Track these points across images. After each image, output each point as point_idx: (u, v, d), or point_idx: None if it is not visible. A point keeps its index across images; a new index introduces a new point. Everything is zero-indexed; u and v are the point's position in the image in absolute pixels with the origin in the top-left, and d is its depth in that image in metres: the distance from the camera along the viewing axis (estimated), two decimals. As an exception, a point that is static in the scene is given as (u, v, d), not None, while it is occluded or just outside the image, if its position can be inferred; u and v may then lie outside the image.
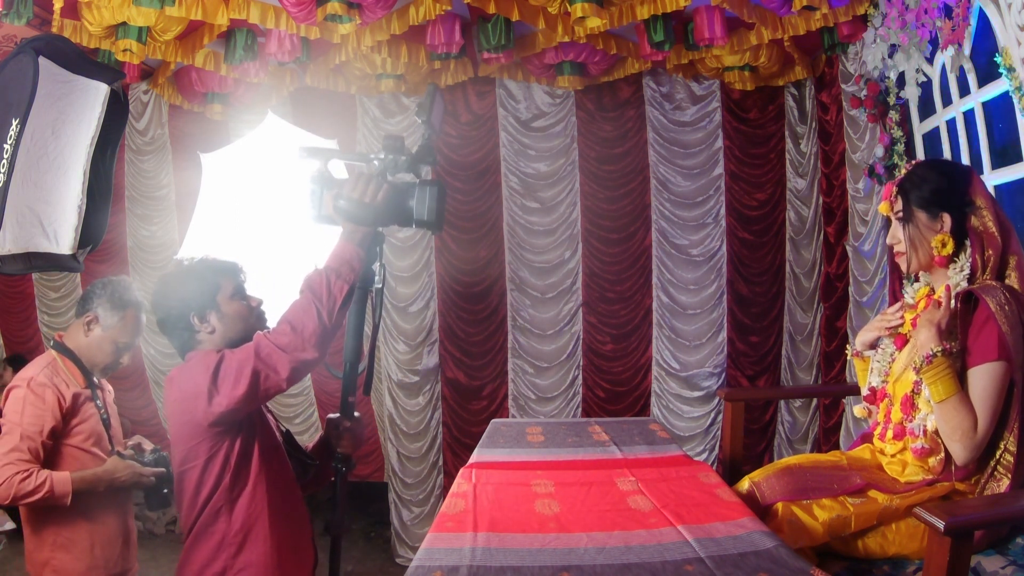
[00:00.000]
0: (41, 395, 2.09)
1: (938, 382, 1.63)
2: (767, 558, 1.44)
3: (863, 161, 3.83)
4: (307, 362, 1.64)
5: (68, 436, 2.15)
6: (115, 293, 2.26)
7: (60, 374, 2.18)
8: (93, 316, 2.25)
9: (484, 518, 1.67)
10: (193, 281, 1.81)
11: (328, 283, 1.63)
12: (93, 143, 2.30)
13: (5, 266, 2.14)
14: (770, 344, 4.84)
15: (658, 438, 2.42)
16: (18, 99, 1.99)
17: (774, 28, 3.77)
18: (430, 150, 1.70)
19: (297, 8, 3.45)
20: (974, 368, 1.64)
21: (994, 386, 1.60)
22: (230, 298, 1.83)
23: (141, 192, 4.93)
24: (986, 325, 1.63)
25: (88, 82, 2.25)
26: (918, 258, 1.81)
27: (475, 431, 4.53)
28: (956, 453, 1.63)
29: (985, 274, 1.72)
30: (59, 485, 2.05)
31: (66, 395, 2.14)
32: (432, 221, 1.69)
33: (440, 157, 4.83)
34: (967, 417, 1.60)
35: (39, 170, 2.17)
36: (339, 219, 1.68)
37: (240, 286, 1.88)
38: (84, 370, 2.24)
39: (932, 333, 1.66)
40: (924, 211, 1.79)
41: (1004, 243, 1.73)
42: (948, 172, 1.84)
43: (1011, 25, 2.37)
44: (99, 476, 2.13)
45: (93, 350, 2.26)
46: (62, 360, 2.22)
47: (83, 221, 2.31)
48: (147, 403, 4.96)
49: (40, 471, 2.04)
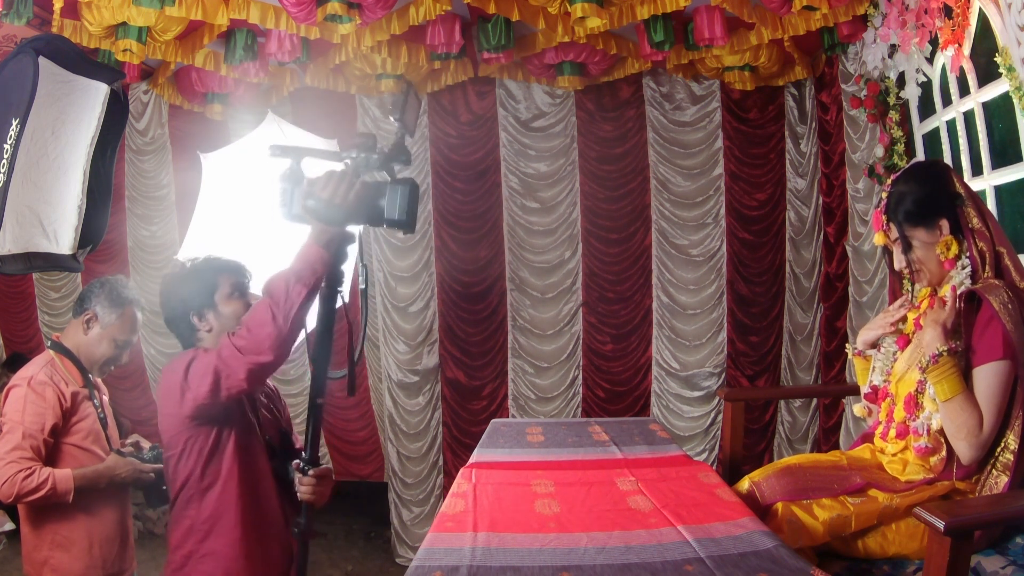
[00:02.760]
0: (42, 393, 2.10)
1: (944, 381, 1.63)
2: (767, 558, 1.45)
3: (863, 161, 3.83)
4: (264, 365, 1.66)
5: (67, 434, 2.16)
6: (113, 291, 2.27)
7: (59, 373, 2.19)
8: (92, 314, 2.26)
9: (484, 518, 1.67)
10: (193, 281, 1.88)
11: (287, 286, 1.60)
12: (93, 143, 2.30)
13: (5, 266, 2.14)
14: (770, 344, 4.83)
15: (658, 438, 2.42)
16: (18, 99, 2.00)
17: (774, 28, 3.77)
18: (404, 148, 1.64)
19: (297, 8, 3.45)
20: (979, 367, 1.64)
21: (999, 385, 1.61)
22: (228, 297, 1.88)
23: (141, 192, 4.92)
24: (990, 324, 1.63)
25: (88, 82, 2.25)
26: (930, 272, 1.82)
27: (475, 431, 4.53)
28: (962, 452, 1.64)
29: (986, 271, 1.73)
30: (61, 482, 2.05)
31: (66, 393, 2.15)
32: (404, 221, 1.61)
33: (440, 157, 4.84)
34: (972, 415, 1.60)
35: (39, 170, 2.17)
36: (309, 219, 1.62)
37: (239, 284, 1.92)
38: (82, 369, 2.25)
39: (937, 332, 1.67)
40: (919, 226, 1.79)
41: (990, 235, 1.74)
42: (923, 177, 1.84)
43: (1011, 25, 2.37)
44: (100, 473, 2.15)
45: (92, 348, 2.27)
46: (60, 359, 2.23)
47: (83, 221, 2.32)
48: (147, 403, 4.95)
49: (42, 469, 2.04)
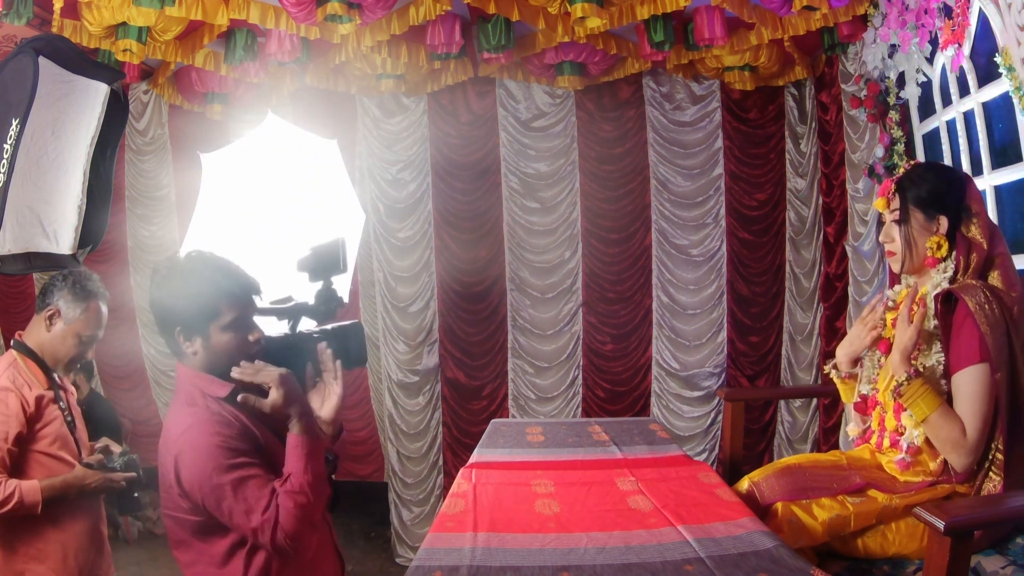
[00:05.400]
0: (4, 400, 1.99)
1: (918, 401, 1.65)
2: (767, 558, 1.45)
3: (863, 161, 3.83)
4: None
5: (34, 441, 2.05)
6: (76, 284, 2.14)
7: (22, 375, 2.07)
8: (55, 310, 2.12)
9: (484, 518, 1.67)
10: (193, 297, 1.58)
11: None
12: (93, 143, 2.30)
13: (5, 266, 2.13)
14: (770, 344, 4.83)
15: (658, 438, 2.42)
16: (18, 99, 1.99)
17: (774, 28, 3.77)
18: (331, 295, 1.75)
19: (297, 8, 3.44)
20: (958, 373, 1.64)
21: (979, 389, 1.60)
22: (223, 329, 1.58)
23: (141, 192, 4.92)
24: (964, 326, 1.63)
25: (88, 82, 2.25)
26: (911, 258, 1.81)
27: (475, 431, 4.53)
28: (953, 462, 1.64)
29: (967, 275, 1.72)
30: (28, 495, 1.96)
31: (29, 399, 2.03)
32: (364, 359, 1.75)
33: (440, 157, 4.84)
34: (954, 427, 1.61)
35: (39, 170, 2.17)
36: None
37: (242, 318, 1.61)
38: (46, 369, 2.13)
39: (898, 359, 1.69)
40: (921, 211, 1.79)
41: (989, 248, 1.73)
42: (947, 175, 1.84)
43: (1011, 25, 2.37)
44: (69, 483, 2.04)
45: (56, 345, 2.14)
46: (23, 360, 2.11)
47: (83, 221, 2.30)
48: (147, 403, 4.95)
49: (8, 481, 1.95)
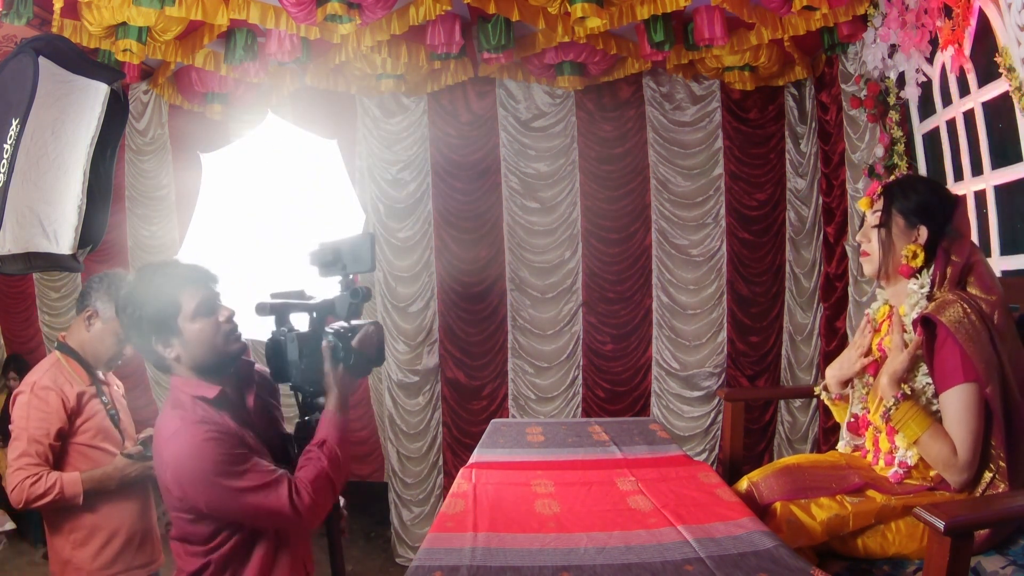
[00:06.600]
0: (44, 398, 2.12)
1: (908, 423, 1.66)
2: (767, 558, 1.45)
3: (863, 161, 3.83)
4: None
5: (75, 435, 2.17)
6: (112, 285, 2.27)
7: (64, 374, 2.20)
8: (92, 311, 2.26)
9: (484, 518, 1.67)
10: (152, 303, 1.59)
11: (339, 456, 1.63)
12: (93, 143, 2.30)
13: (5, 266, 2.14)
14: (770, 344, 4.83)
15: (658, 438, 2.42)
16: (18, 99, 1.99)
17: (774, 28, 3.77)
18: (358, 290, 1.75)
19: (297, 8, 3.45)
20: (943, 393, 1.65)
21: (965, 407, 1.60)
22: (192, 317, 1.60)
23: (141, 192, 4.92)
24: (945, 347, 1.63)
25: (88, 82, 2.24)
26: (885, 263, 1.81)
27: (475, 431, 4.53)
28: (947, 478, 1.65)
29: (943, 287, 1.72)
30: (69, 486, 2.07)
31: (70, 395, 2.16)
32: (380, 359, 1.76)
33: (440, 157, 4.84)
34: (944, 446, 1.61)
35: (39, 170, 2.17)
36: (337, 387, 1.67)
37: (205, 300, 1.63)
38: (88, 367, 2.26)
39: (886, 383, 1.70)
40: (903, 218, 1.78)
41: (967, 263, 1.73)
42: (938, 191, 1.83)
43: (1011, 25, 2.37)
44: (109, 474, 2.15)
45: (96, 344, 2.27)
46: (66, 360, 2.24)
47: (83, 221, 2.31)
48: (148, 403, 4.95)
49: (50, 474, 2.06)
